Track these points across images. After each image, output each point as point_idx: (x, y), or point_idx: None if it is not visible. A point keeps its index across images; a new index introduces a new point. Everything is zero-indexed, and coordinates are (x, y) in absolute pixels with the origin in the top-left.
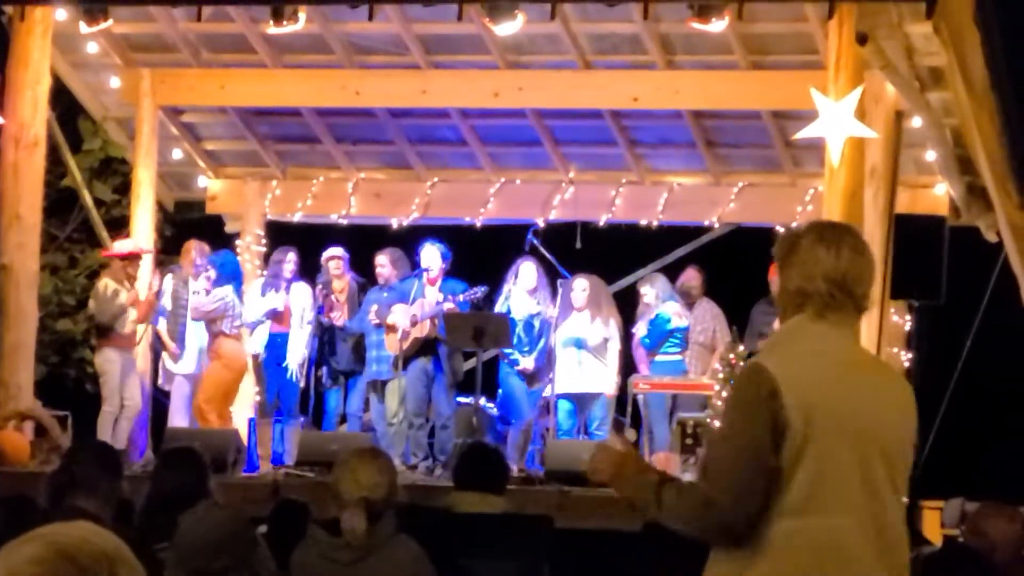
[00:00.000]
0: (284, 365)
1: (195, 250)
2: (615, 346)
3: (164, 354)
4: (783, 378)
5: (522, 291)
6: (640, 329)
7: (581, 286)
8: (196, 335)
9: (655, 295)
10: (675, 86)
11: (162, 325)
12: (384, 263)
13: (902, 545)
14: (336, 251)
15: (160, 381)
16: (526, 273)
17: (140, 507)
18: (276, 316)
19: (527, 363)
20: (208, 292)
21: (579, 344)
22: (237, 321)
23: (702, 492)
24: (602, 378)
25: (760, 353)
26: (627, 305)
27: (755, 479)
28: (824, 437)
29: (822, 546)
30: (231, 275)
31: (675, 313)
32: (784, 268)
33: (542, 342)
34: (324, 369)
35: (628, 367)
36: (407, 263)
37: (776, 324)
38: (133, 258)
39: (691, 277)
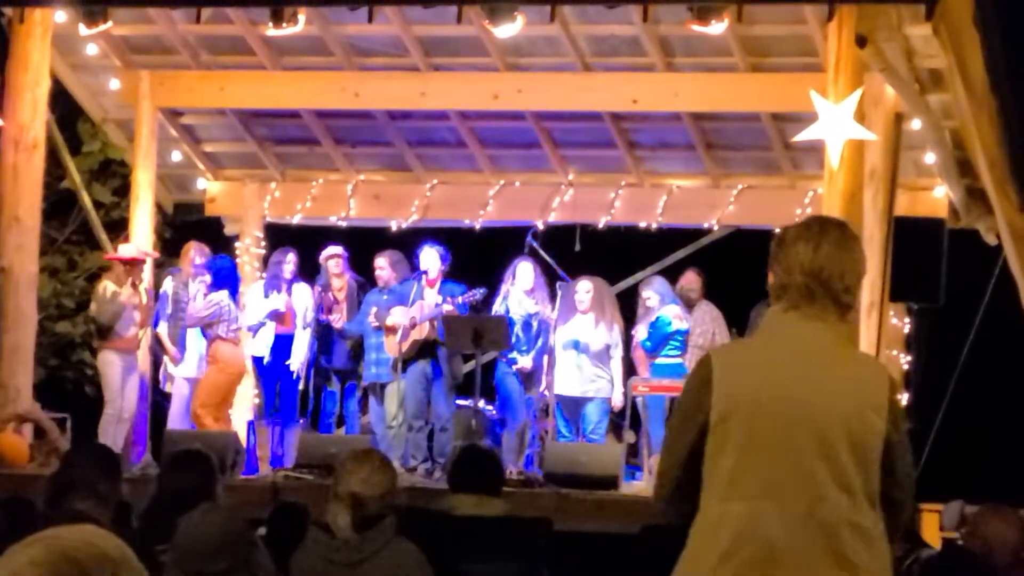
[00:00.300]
0: (288, 367)
1: (194, 251)
2: (618, 353)
3: (165, 357)
4: (721, 366)
5: (520, 291)
6: (640, 332)
7: (585, 288)
8: (196, 338)
9: (657, 298)
10: (674, 88)
11: (162, 328)
12: (383, 265)
13: (857, 543)
14: (335, 250)
15: (161, 384)
16: (523, 273)
17: (144, 508)
18: (278, 317)
19: (525, 362)
20: (205, 296)
21: (578, 347)
22: (234, 325)
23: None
24: (601, 384)
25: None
26: (626, 308)
27: (675, 466)
28: (751, 423)
29: (743, 530)
30: (226, 280)
31: (676, 316)
32: (772, 265)
33: (540, 342)
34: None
35: (628, 370)
36: (406, 265)
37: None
38: (136, 263)
39: (691, 280)
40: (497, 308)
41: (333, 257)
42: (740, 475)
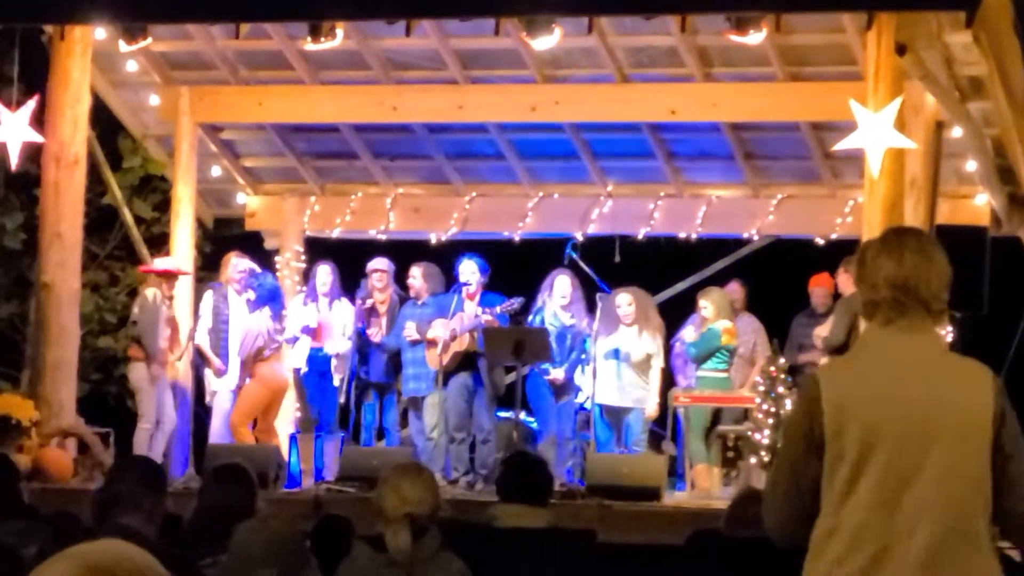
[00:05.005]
0: (326, 380)
1: (232, 263)
2: (658, 363)
3: (207, 370)
4: (828, 385)
5: (556, 305)
6: (688, 334)
7: (627, 300)
8: (238, 350)
9: (713, 310)
10: (713, 98)
11: (203, 341)
12: (416, 275)
13: (966, 551)
14: (381, 264)
15: (207, 399)
16: (560, 286)
17: (186, 522)
18: (310, 332)
19: (557, 374)
20: (250, 306)
21: (619, 356)
22: (275, 344)
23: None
24: (641, 394)
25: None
26: (666, 318)
27: (791, 488)
28: (863, 437)
29: (856, 538)
30: (268, 298)
31: (727, 331)
32: (858, 283)
33: (574, 355)
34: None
35: (667, 380)
36: (440, 278)
37: (815, 334)
38: (169, 276)
39: (734, 291)
40: (533, 320)
41: (378, 271)
42: (853, 487)
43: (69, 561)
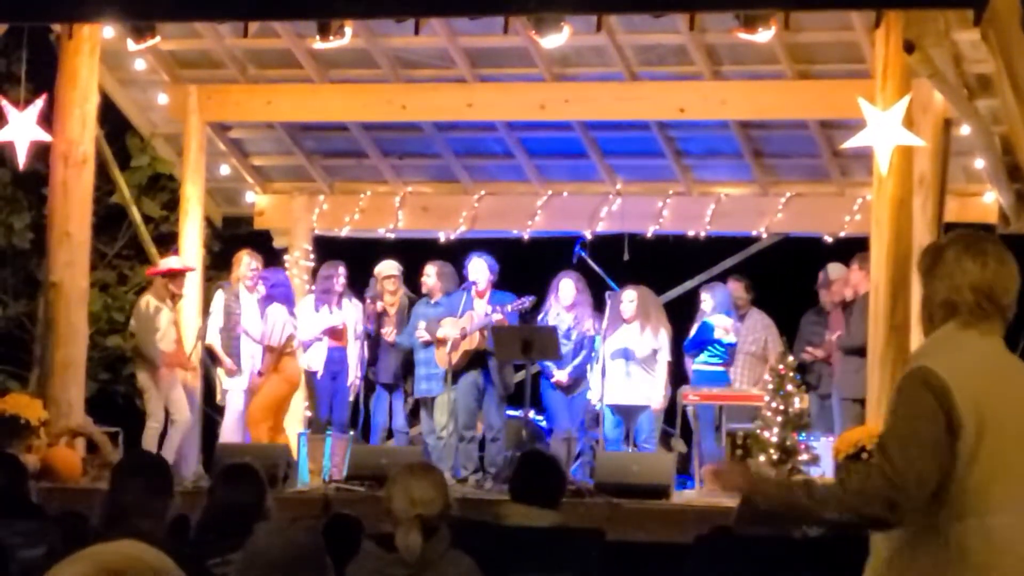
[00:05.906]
0: (340, 380)
1: (245, 260)
2: (664, 357)
3: (219, 370)
4: (951, 378)
5: (560, 307)
6: (692, 332)
7: (629, 297)
8: (250, 350)
9: (712, 304)
10: (721, 96)
11: (215, 341)
12: (430, 274)
13: None
14: (392, 269)
15: (219, 398)
16: (564, 289)
17: (196, 522)
18: (335, 333)
19: (561, 376)
20: (262, 314)
21: (627, 355)
22: (295, 340)
23: (882, 473)
24: (649, 390)
25: (917, 359)
26: (676, 316)
27: (932, 466)
28: (995, 436)
29: (997, 544)
30: (282, 297)
31: (722, 327)
32: (929, 280)
33: (580, 357)
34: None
35: (679, 378)
36: (454, 278)
37: (826, 334)
38: (176, 275)
39: (735, 289)
40: (539, 322)
41: (391, 277)
42: (990, 488)
43: (86, 562)
